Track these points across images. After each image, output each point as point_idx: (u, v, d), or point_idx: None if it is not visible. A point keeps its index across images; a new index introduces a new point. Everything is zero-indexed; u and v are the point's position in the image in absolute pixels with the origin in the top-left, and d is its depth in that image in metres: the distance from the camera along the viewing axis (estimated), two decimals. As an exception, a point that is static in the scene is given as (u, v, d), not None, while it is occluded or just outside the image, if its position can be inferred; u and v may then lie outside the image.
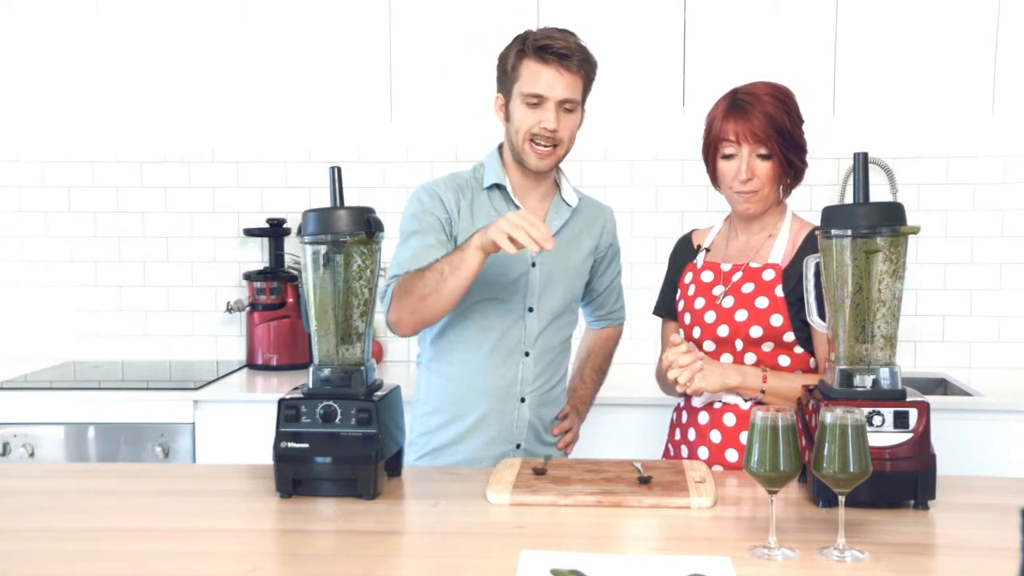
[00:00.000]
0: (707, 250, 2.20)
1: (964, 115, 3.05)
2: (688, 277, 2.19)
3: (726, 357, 2.08)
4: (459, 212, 2.22)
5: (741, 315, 2.06)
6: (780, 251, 2.10)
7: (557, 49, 2.12)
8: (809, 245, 2.08)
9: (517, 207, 2.23)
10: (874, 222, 1.74)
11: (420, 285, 2.07)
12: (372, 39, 3.16)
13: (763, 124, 2.02)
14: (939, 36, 3.01)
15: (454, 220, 2.21)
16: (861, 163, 1.78)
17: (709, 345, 2.10)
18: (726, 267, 2.14)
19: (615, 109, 3.11)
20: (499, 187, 2.25)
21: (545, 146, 2.16)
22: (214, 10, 3.19)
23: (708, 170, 2.14)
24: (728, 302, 2.09)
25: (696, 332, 2.12)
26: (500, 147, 2.29)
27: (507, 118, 2.20)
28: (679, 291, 2.21)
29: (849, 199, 2.97)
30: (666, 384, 2.14)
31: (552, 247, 1.91)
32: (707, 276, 2.15)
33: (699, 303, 2.13)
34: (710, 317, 2.10)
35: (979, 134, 3.33)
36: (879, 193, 3.28)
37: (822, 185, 3.36)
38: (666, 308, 2.26)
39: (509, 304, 2.24)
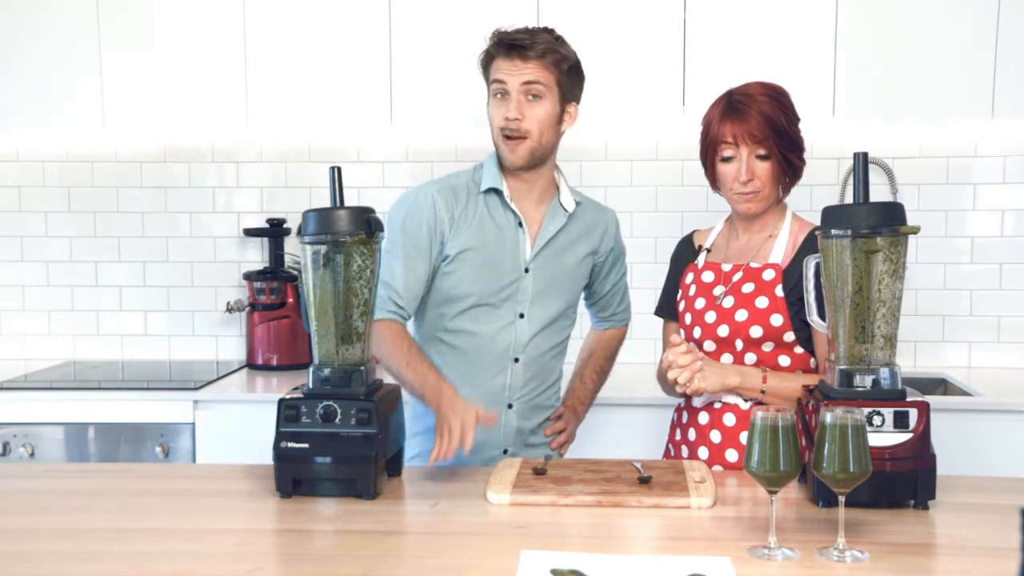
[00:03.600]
0: (708, 250, 2.20)
1: (964, 115, 3.05)
2: (689, 277, 2.20)
3: (726, 357, 2.08)
4: (452, 220, 2.20)
5: (741, 315, 2.06)
6: (780, 251, 2.11)
7: (516, 40, 2.12)
8: (809, 245, 2.08)
9: (514, 212, 2.23)
10: (874, 222, 1.74)
11: (390, 362, 2.17)
12: (372, 39, 3.16)
13: (760, 124, 2.02)
14: (939, 36, 3.01)
15: (445, 230, 2.20)
16: (861, 163, 1.78)
17: (709, 345, 2.10)
18: (726, 267, 2.14)
19: (615, 109, 3.11)
20: (496, 191, 2.24)
21: (511, 137, 2.15)
22: (214, 9, 3.19)
23: (707, 173, 2.14)
24: (728, 302, 2.09)
25: (696, 332, 2.12)
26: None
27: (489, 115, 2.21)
28: (680, 291, 2.21)
29: (849, 199, 2.97)
30: (667, 385, 2.14)
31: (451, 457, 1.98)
32: (708, 276, 2.16)
33: (699, 303, 2.13)
34: (710, 317, 2.10)
35: (979, 134, 3.33)
36: (879, 193, 3.28)
37: (822, 185, 3.36)
38: (668, 309, 2.26)
39: (500, 310, 2.23)
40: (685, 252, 2.26)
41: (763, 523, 1.64)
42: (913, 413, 1.73)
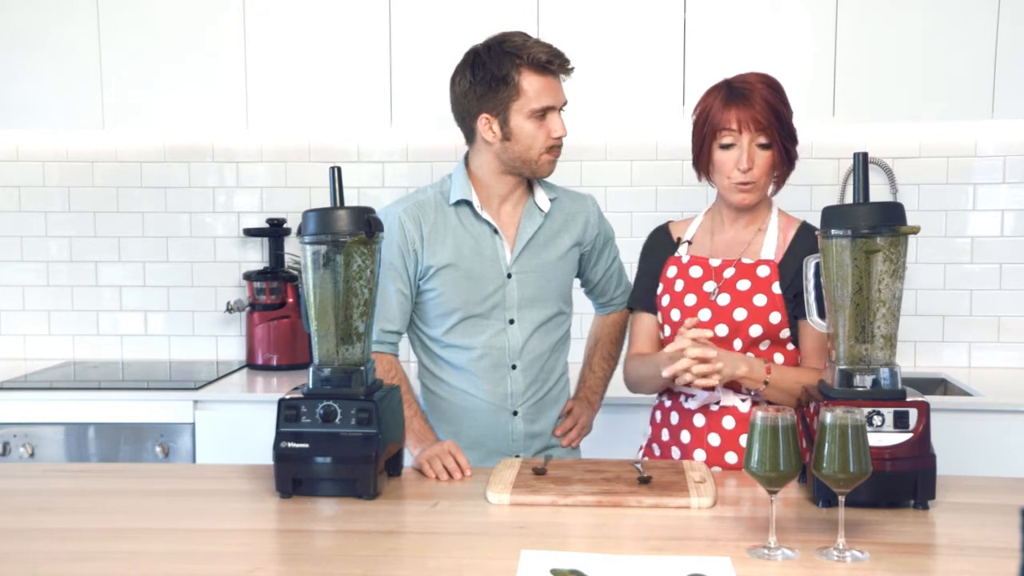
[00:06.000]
0: (689, 243, 2.17)
1: (964, 115, 3.05)
2: (672, 271, 2.15)
3: None
4: (423, 236, 2.20)
5: (740, 314, 2.05)
6: (772, 246, 2.09)
7: (556, 60, 2.13)
8: (801, 238, 2.07)
9: (487, 222, 2.22)
10: (874, 222, 1.74)
11: None
12: (372, 39, 3.16)
13: (765, 111, 2.00)
14: (939, 36, 3.01)
15: (417, 248, 2.20)
16: (861, 163, 1.78)
17: None
18: (715, 262, 2.11)
19: (615, 108, 3.11)
20: (466, 202, 2.22)
21: (558, 152, 2.18)
22: (214, 10, 3.19)
23: (700, 162, 2.09)
24: (724, 300, 2.07)
25: None
26: (466, 160, 2.26)
27: (505, 137, 2.15)
28: (661, 285, 2.17)
29: (849, 199, 2.97)
30: (637, 381, 2.13)
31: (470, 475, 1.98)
32: (696, 271, 2.12)
33: (690, 300, 2.10)
34: (705, 315, 2.07)
35: (979, 134, 3.33)
36: (879, 193, 3.28)
37: (822, 185, 3.36)
38: (647, 301, 2.19)
39: (488, 319, 2.22)
40: (662, 243, 2.21)
41: (763, 523, 1.64)
42: (913, 413, 1.73)
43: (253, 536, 1.68)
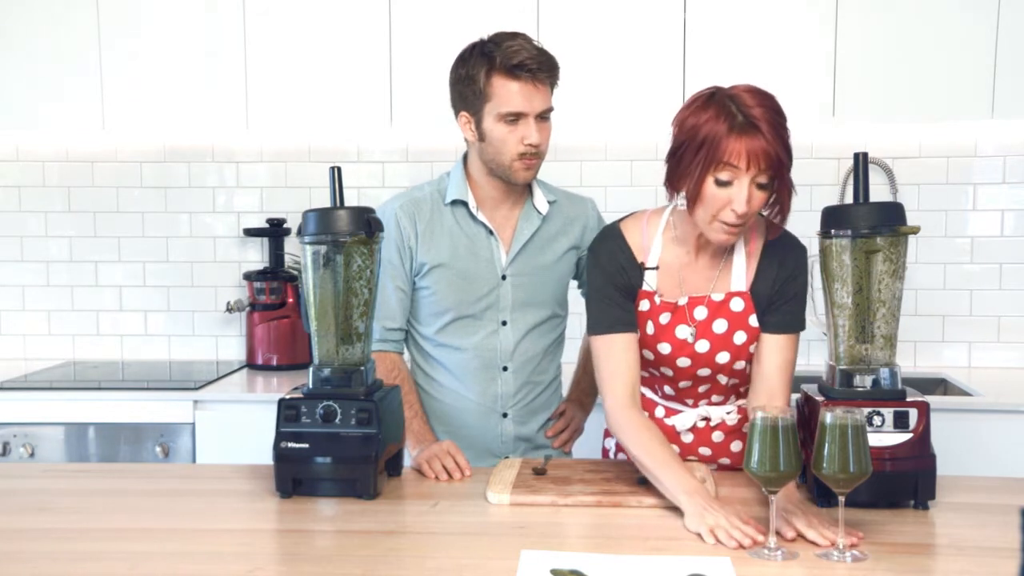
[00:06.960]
0: (656, 268, 1.95)
1: (964, 115, 3.05)
2: (644, 305, 1.94)
3: (704, 386, 2.00)
4: (417, 234, 2.19)
5: (723, 357, 1.93)
6: (741, 272, 1.93)
7: (529, 65, 2.06)
8: (769, 255, 1.93)
9: (482, 224, 2.20)
10: (874, 222, 1.74)
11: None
12: (372, 39, 3.16)
13: (776, 145, 1.73)
14: (939, 36, 3.01)
15: (412, 245, 2.19)
16: (861, 163, 1.78)
17: (685, 383, 1.99)
18: (683, 301, 1.93)
19: (615, 108, 3.11)
20: (463, 203, 2.21)
21: (532, 159, 2.12)
22: (214, 10, 3.19)
23: (681, 184, 1.83)
24: (703, 347, 1.92)
25: (667, 371, 1.97)
26: (464, 159, 2.25)
27: (480, 138, 2.13)
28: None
29: (849, 199, 2.97)
30: (630, 456, 1.85)
31: (469, 475, 2.00)
32: (664, 318, 1.93)
33: (664, 348, 1.93)
34: (684, 362, 1.94)
35: (979, 134, 3.33)
36: (879, 193, 3.28)
37: (822, 185, 3.36)
38: (622, 321, 1.92)
39: (481, 320, 2.21)
40: (628, 263, 1.95)
41: (763, 523, 1.64)
42: (913, 413, 1.73)
43: (253, 536, 1.68)
